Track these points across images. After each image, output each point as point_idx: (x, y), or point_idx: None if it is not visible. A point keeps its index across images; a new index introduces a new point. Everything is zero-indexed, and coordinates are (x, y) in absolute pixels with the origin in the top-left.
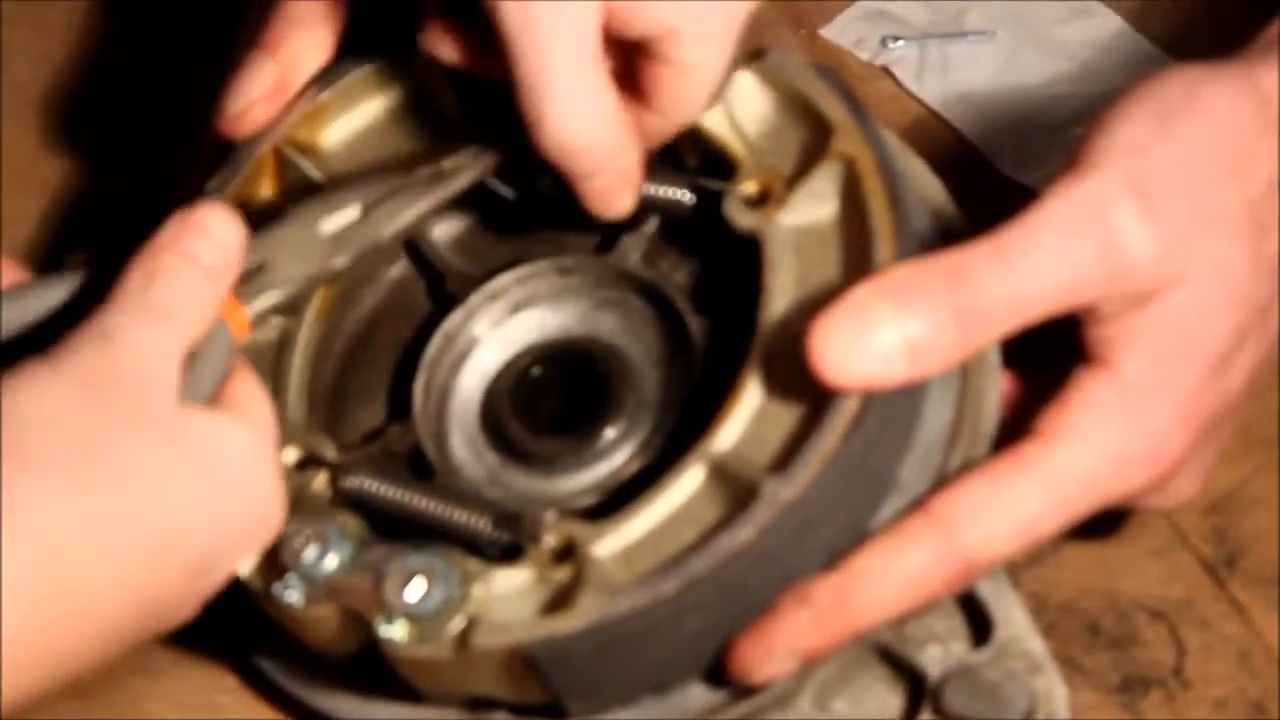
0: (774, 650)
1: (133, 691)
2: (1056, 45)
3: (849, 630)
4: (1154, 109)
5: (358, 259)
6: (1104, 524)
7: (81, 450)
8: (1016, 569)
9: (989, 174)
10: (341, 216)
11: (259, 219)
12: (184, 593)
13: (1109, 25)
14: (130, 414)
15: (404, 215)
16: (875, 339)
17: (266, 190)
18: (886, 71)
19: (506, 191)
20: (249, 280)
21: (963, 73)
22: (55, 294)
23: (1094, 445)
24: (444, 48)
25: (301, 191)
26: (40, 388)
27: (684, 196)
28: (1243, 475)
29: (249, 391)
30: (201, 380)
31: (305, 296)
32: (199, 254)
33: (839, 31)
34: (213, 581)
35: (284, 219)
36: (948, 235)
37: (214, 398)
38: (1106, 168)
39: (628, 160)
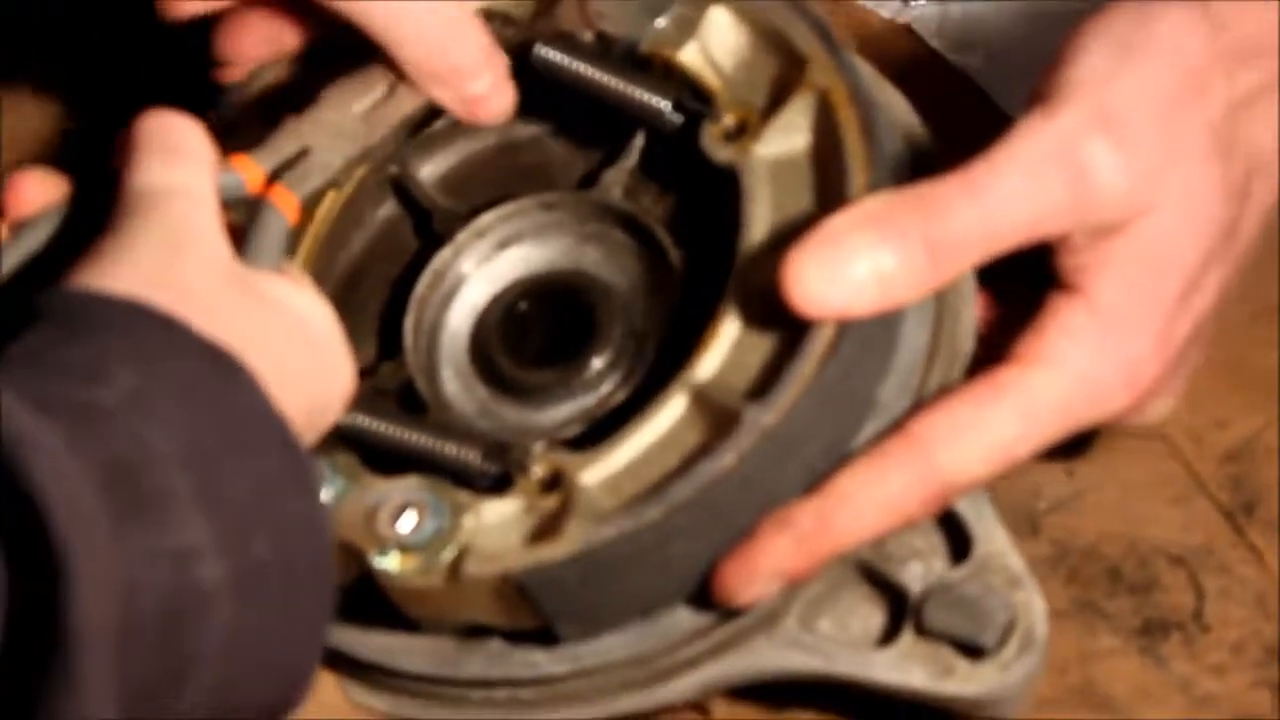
0: (757, 573)
1: None
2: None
3: (830, 551)
4: (1110, 40)
5: (390, 135)
6: (1079, 443)
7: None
8: (1038, 517)
9: (999, 119)
10: (370, 96)
11: (270, 101)
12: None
13: None
14: (215, 270)
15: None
16: (848, 270)
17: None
18: (909, 29)
19: None
20: (294, 166)
21: (984, 29)
22: (44, 229)
23: (1069, 370)
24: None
25: (324, 74)
26: (114, 269)
27: (665, 106)
28: (1259, 425)
29: (299, 272)
30: (263, 257)
31: (346, 175)
32: (172, 118)
33: None
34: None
35: (317, 104)
36: (921, 160)
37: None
38: (1073, 102)
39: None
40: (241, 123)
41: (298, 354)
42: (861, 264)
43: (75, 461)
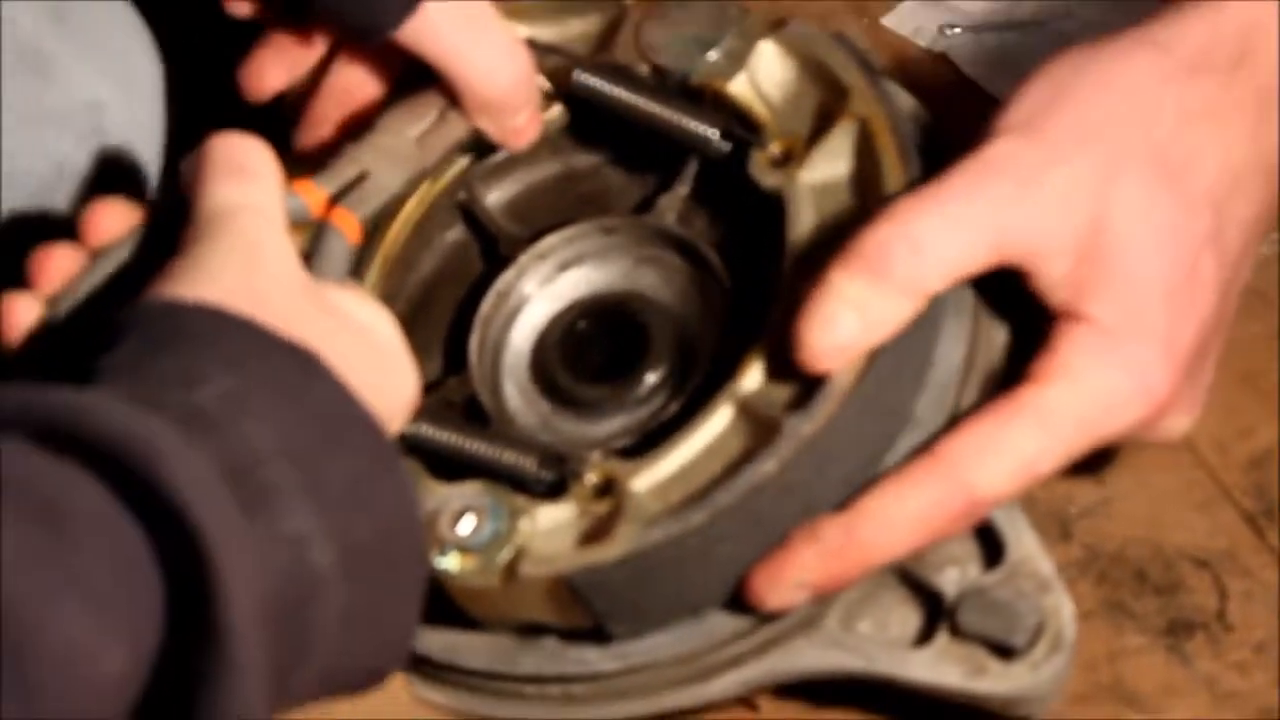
0: (784, 581)
1: None
2: (1102, 27)
3: (857, 566)
4: (1048, 85)
5: (443, 157)
6: (1104, 459)
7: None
8: (1070, 522)
9: None
10: (424, 121)
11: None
12: None
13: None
14: (288, 282)
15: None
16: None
17: None
18: (945, 58)
19: None
20: (353, 189)
21: (1017, 59)
22: (121, 255)
23: (1084, 384)
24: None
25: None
26: (193, 284)
27: (713, 135)
28: None
29: (363, 289)
30: (329, 274)
31: (404, 197)
32: (241, 140)
33: (899, 20)
34: None
35: (374, 129)
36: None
37: None
38: (1003, 135)
39: (534, 90)
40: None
41: (366, 362)
42: (841, 331)
43: (200, 460)
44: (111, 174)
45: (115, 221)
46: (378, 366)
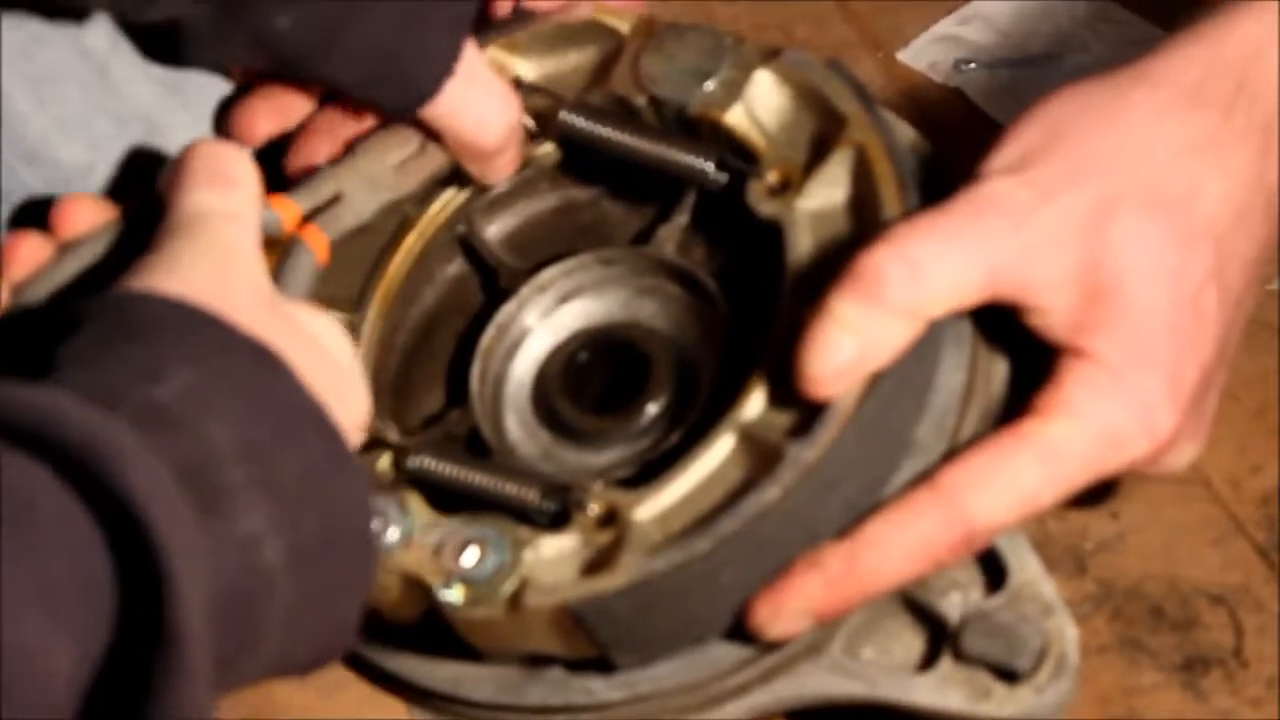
0: (786, 609)
1: None
2: (1119, 59)
3: (858, 594)
4: (1041, 124)
5: (421, 186)
6: (1107, 490)
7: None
8: (1085, 557)
9: None
10: (404, 150)
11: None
12: None
13: None
14: (255, 290)
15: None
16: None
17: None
18: (959, 92)
19: None
20: (327, 209)
21: (1031, 94)
22: (92, 250)
23: (1088, 420)
24: None
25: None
26: (164, 279)
27: (709, 167)
28: None
29: (324, 312)
30: (293, 289)
31: (379, 222)
32: (224, 148)
33: (914, 55)
34: None
35: (354, 153)
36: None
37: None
38: (996, 176)
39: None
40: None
41: (323, 379)
42: (840, 356)
43: (154, 458)
44: None
45: (86, 216)
46: (334, 385)
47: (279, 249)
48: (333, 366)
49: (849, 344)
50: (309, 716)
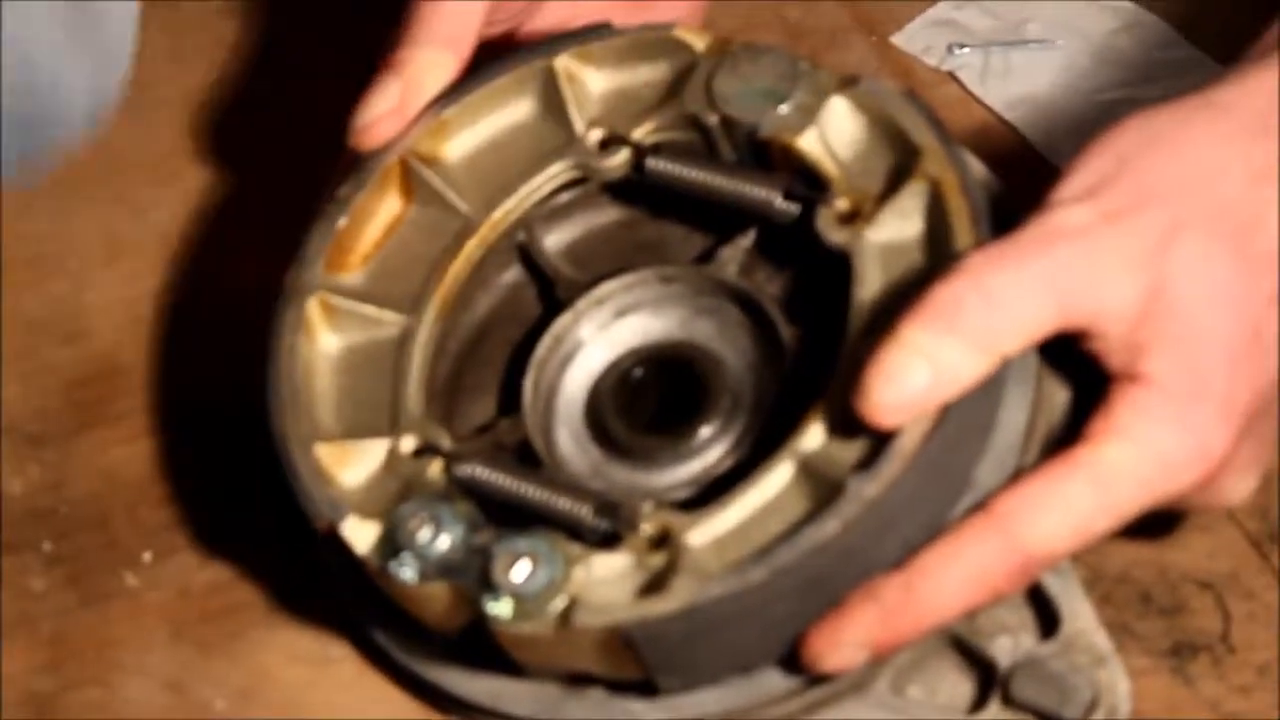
0: (843, 642)
1: (252, 641)
2: (1113, 53)
3: (916, 626)
4: (1110, 152)
5: None
6: (1161, 523)
7: None
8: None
9: (1049, 174)
10: None
11: None
12: None
13: (1159, 34)
14: None
15: None
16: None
17: (393, 199)
18: (952, 77)
19: None
20: None
21: (1024, 78)
22: None
23: (1140, 443)
24: None
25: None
26: None
27: (775, 199)
28: None
29: None
30: None
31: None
32: None
33: (908, 39)
34: None
35: None
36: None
37: None
38: (1066, 205)
39: None
40: None
41: None
42: (911, 385)
43: None
44: None
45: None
46: None
47: None
48: None
49: (921, 372)
50: (301, 691)
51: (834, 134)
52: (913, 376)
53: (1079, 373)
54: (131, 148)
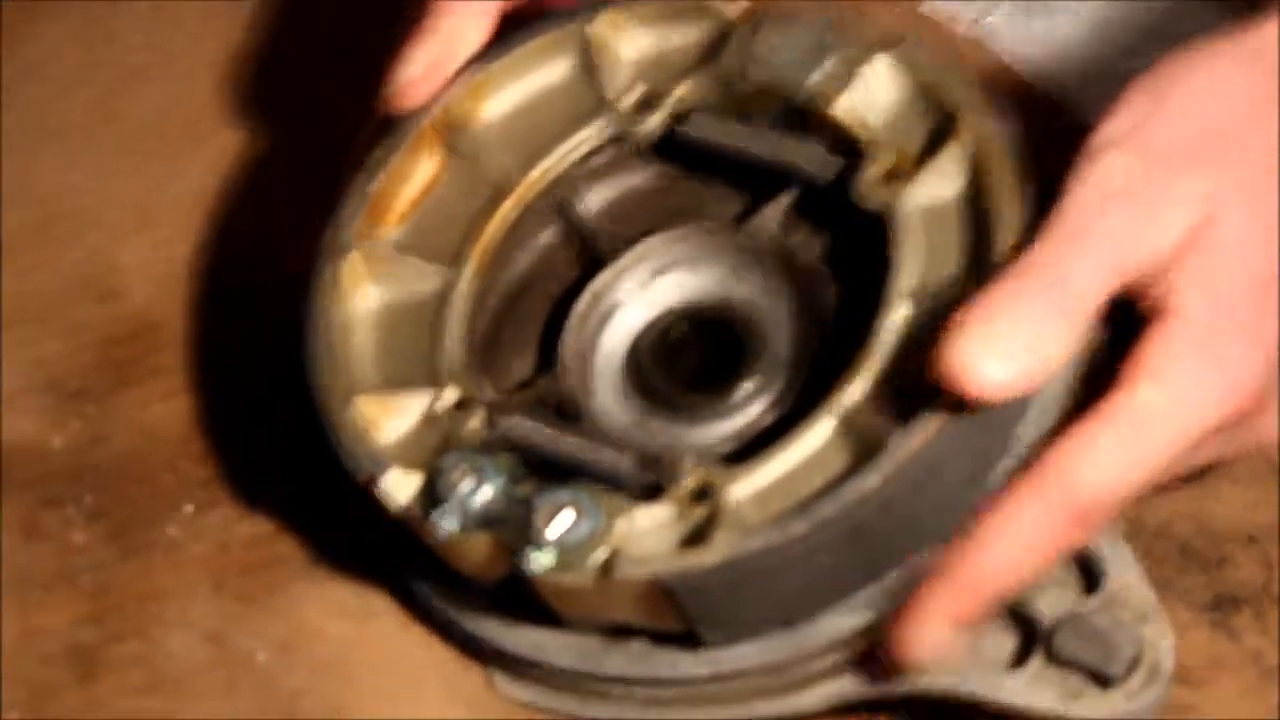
0: (925, 627)
1: (293, 594)
2: (1144, 11)
3: (990, 592)
4: (1147, 95)
5: None
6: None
7: None
8: None
9: (1082, 130)
10: None
11: None
12: None
13: None
14: None
15: None
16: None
17: (429, 159)
18: (983, 37)
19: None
20: None
21: (1055, 36)
22: None
23: (1171, 384)
24: None
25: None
26: None
27: (814, 159)
28: None
29: None
30: None
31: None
32: None
33: (936, 5)
34: None
35: None
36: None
37: None
38: (1108, 149)
39: None
40: None
41: None
42: (1017, 340)
43: None
44: None
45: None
46: None
47: None
48: None
49: (1021, 339)
50: (344, 645)
51: (873, 94)
52: (1013, 345)
53: (1116, 310)
54: (166, 108)
